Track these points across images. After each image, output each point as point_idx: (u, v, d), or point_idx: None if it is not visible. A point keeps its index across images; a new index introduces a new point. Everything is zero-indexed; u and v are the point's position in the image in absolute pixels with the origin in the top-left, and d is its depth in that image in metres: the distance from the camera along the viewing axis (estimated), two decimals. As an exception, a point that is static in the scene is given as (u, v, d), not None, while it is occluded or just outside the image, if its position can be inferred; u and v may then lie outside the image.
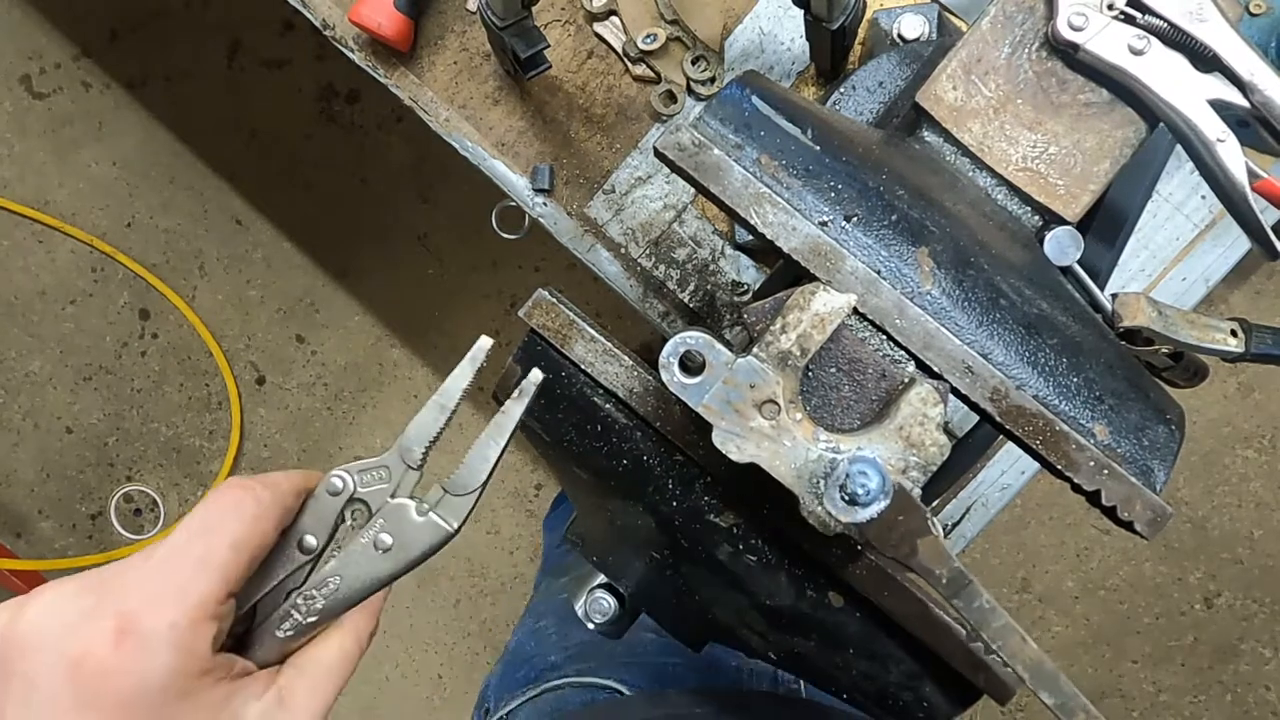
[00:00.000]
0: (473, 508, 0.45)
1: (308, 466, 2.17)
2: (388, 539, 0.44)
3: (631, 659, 0.86)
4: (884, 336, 0.44)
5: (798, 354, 0.42)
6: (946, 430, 0.42)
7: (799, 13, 0.69)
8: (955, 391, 0.44)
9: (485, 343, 0.46)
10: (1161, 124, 0.50)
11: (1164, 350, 0.56)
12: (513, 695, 0.86)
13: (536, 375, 0.46)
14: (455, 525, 0.44)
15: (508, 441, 0.46)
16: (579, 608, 0.61)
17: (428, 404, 0.45)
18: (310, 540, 0.44)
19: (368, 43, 0.84)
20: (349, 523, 0.45)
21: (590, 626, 0.62)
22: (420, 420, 0.45)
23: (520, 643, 0.98)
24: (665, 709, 0.75)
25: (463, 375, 0.46)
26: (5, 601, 0.37)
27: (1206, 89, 0.48)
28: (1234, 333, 0.56)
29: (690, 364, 0.42)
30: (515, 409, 0.46)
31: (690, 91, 0.83)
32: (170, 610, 0.36)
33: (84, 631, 0.35)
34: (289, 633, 0.44)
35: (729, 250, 0.85)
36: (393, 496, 0.45)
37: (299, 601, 0.44)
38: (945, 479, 0.79)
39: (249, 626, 0.44)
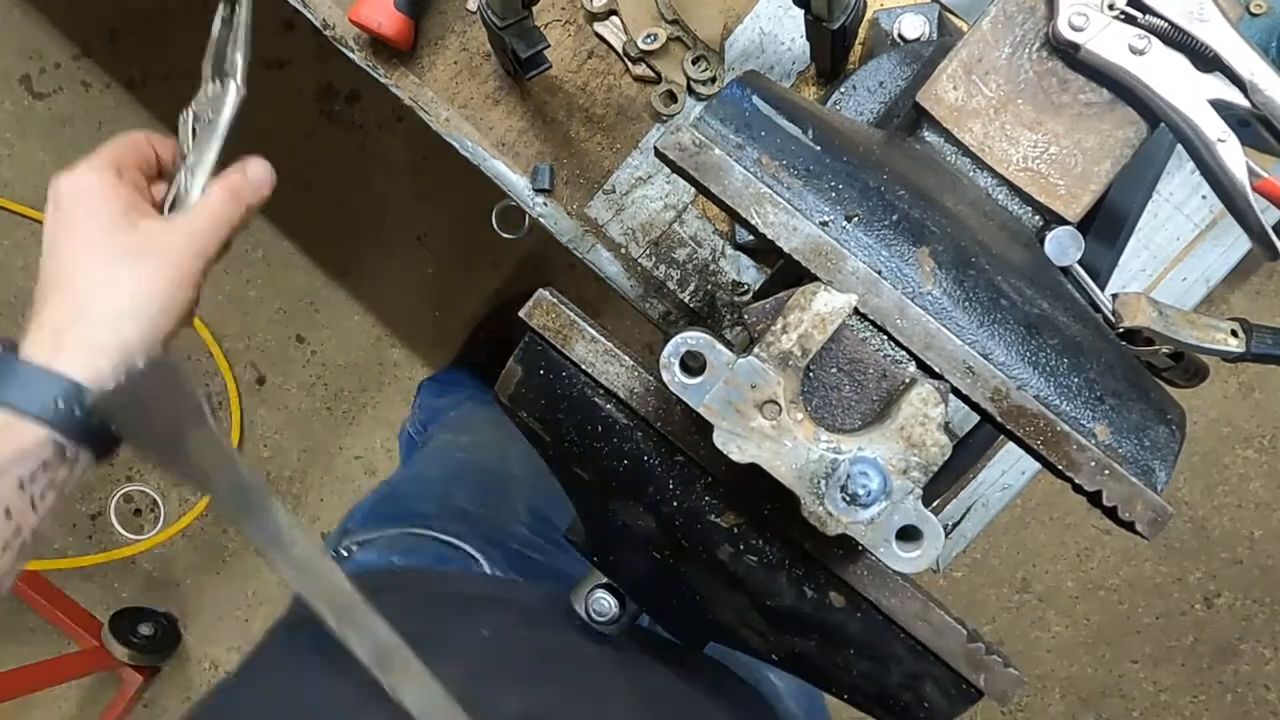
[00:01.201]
0: (244, 64, 0.65)
1: (309, 467, 2.14)
2: (209, 114, 0.66)
3: (501, 536, 0.87)
4: (885, 337, 0.44)
5: (799, 354, 0.42)
6: (947, 430, 0.42)
7: (799, 13, 0.69)
8: (956, 392, 0.44)
9: None
10: (1162, 124, 0.50)
11: (1164, 350, 0.55)
12: (375, 526, 0.88)
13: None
14: (236, 81, 0.65)
15: (248, 12, 0.65)
16: (579, 608, 0.61)
17: (213, 27, 0.67)
18: (184, 147, 0.67)
19: (368, 43, 0.84)
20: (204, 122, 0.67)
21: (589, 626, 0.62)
22: (211, 43, 0.67)
23: (399, 484, 1.02)
24: (515, 594, 0.77)
25: None
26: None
27: (1207, 89, 0.48)
28: (1234, 333, 0.56)
29: (691, 364, 0.42)
30: None
31: (690, 91, 0.83)
32: (85, 174, 0.61)
33: (53, 193, 0.62)
34: (183, 195, 0.65)
35: (729, 250, 0.85)
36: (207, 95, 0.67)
37: (184, 175, 0.65)
38: (946, 479, 0.79)
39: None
